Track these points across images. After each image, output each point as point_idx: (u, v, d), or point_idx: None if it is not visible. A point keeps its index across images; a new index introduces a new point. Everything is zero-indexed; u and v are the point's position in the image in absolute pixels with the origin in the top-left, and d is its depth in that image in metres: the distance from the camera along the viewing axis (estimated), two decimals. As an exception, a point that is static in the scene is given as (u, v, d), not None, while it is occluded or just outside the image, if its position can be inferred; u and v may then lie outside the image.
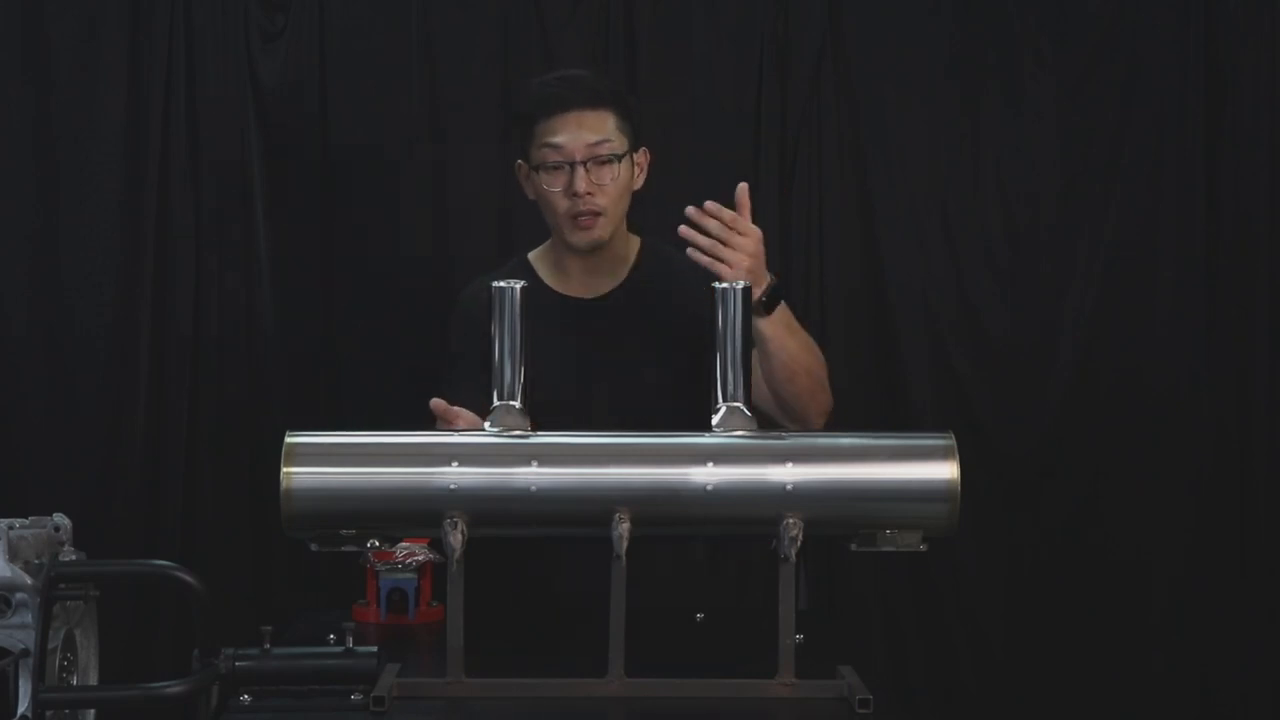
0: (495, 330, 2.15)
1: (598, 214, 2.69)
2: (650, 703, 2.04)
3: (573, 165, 2.66)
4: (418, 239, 3.51)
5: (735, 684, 2.07)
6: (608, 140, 2.68)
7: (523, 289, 2.16)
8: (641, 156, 2.77)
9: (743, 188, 2.54)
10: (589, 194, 2.67)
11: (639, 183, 2.78)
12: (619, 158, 2.69)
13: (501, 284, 2.16)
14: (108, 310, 3.46)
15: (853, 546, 2.13)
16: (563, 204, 2.69)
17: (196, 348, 3.48)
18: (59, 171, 3.46)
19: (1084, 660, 3.53)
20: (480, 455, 2.12)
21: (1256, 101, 3.53)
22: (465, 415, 2.38)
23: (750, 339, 2.19)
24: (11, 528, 1.86)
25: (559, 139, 2.67)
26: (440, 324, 3.34)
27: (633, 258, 2.82)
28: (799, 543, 2.05)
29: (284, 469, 2.07)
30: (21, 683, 1.83)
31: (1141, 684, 3.54)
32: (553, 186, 2.68)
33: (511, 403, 2.15)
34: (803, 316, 3.50)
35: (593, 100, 2.69)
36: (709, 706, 2.04)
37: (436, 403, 2.37)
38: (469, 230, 3.51)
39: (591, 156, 2.67)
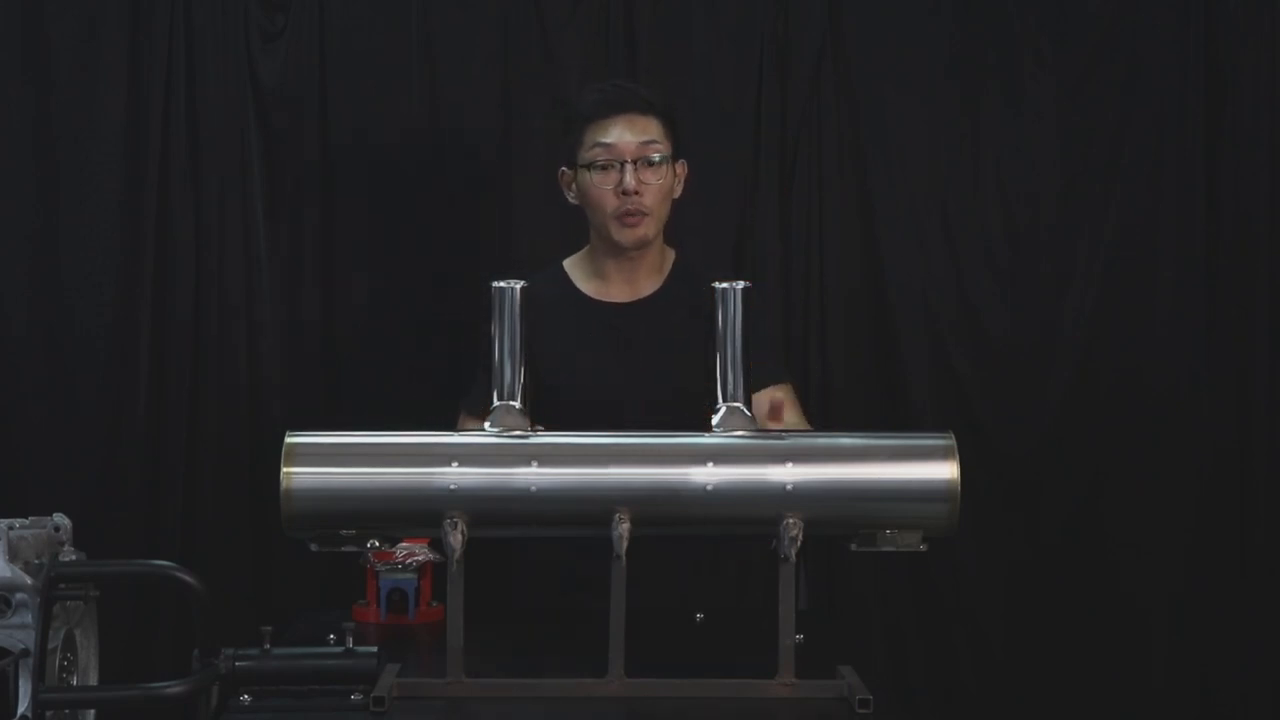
0: (495, 330, 2.15)
1: (644, 213, 2.78)
2: (650, 703, 2.04)
3: (623, 164, 2.76)
4: (417, 239, 3.51)
5: (735, 684, 2.07)
6: (656, 142, 2.80)
7: (523, 289, 2.16)
8: (680, 168, 2.88)
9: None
10: (636, 192, 2.76)
11: (678, 192, 2.89)
12: (666, 159, 2.80)
13: (501, 284, 2.16)
14: (108, 310, 3.46)
15: (853, 546, 2.14)
16: (611, 202, 2.78)
17: (196, 348, 3.48)
18: (59, 171, 3.46)
19: (1084, 660, 3.53)
20: (480, 455, 2.12)
21: (1256, 101, 3.53)
22: None
23: (750, 339, 2.19)
24: (11, 528, 1.86)
25: (610, 138, 2.78)
26: (440, 323, 3.36)
27: (668, 269, 2.90)
28: (799, 543, 2.05)
29: (284, 469, 2.07)
30: (21, 683, 1.83)
31: (1141, 684, 3.54)
32: (603, 185, 2.78)
33: (511, 403, 2.15)
34: (803, 316, 3.53)
35: (642, 106, 2.82)
36: (709, 706, 2.04)
37: None
38: (469, 229, 3.51)
39: (641, 156, 2.77)
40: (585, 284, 2.87)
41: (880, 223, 3.54)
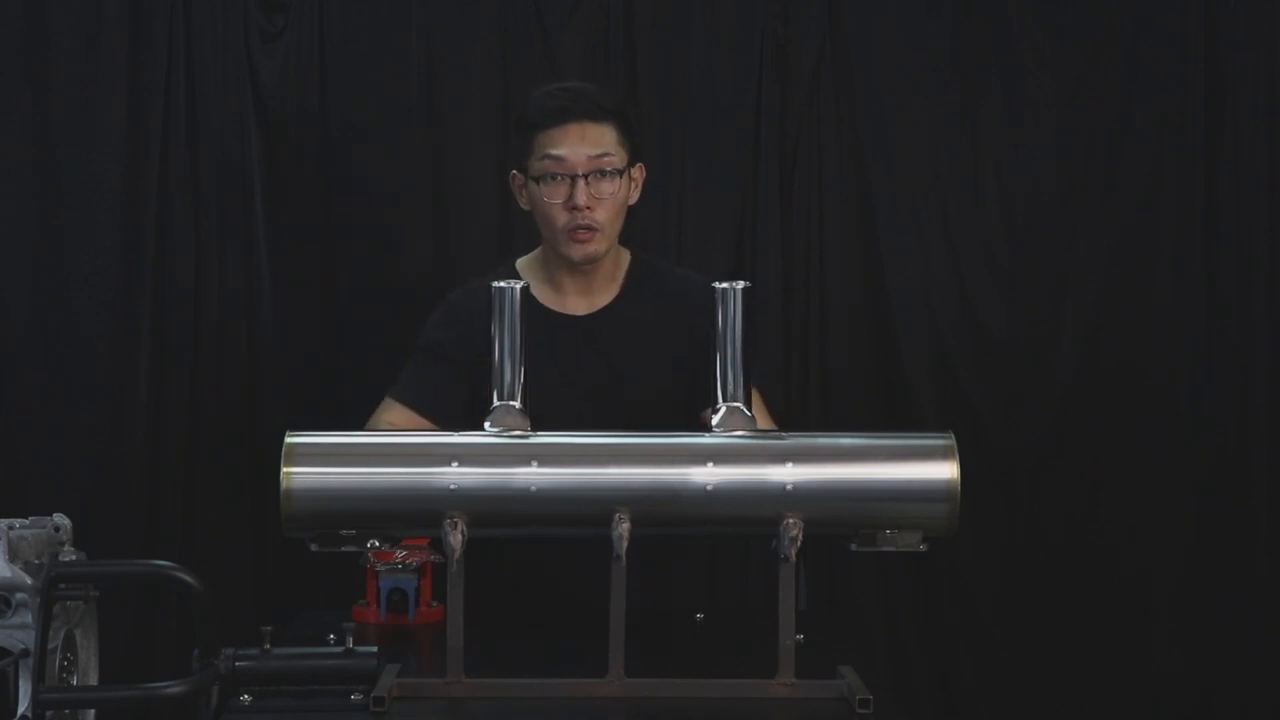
0: (495, 330, 2.15)
1: (595, 229, 2.67)
2: (650, 703, 2.04)
3: (574, 178, 2.64)
4: (418, 239, 3.51)
5: (735, 684, 2.07)
6: (609, 154, 2.66)
7: (523, 289, 2.16)
8: (637, 172, 2.76)
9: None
10: (588, 208, 2.65)
11: (634, 198, 2.77)
12: (619, 172, 2.67)
13: (501, 284, 2.16)
14: (108, 310, 3.46)
15: (853, 546, 2.13)
16: (561, 217, 2.67)
17: (196, 348, 3.48)
18: (59, 171, 3.46)
19: (1084, 660, 3.53)
20: (480, 455, 2.12)
21: (1256, 101, 3.53)
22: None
23: (750, 339, 2.19)
24: (11, 528, 1.86)
25: (561, 150, 2.65)
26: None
27: (623, 273, 2.81)
28: (799, 543, 2.05)
29: (284, 469, 2.07)
30: (21, 683, 1.83)
31: (1142, 684, 3.54)
32: (553, 199, 2.66)
33: (511, 403, 2.15)
34: (803, 316, 3.54)
35: (595, 113, 2.67)
36: (709, 706, 2.04)
37: None
38: (468, 230, 3.51)
39: (593, 169, 2.65)
40: (541, 290, 2.73)
41: (880, 222, 3.54)
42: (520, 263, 2.83)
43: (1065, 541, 3.55)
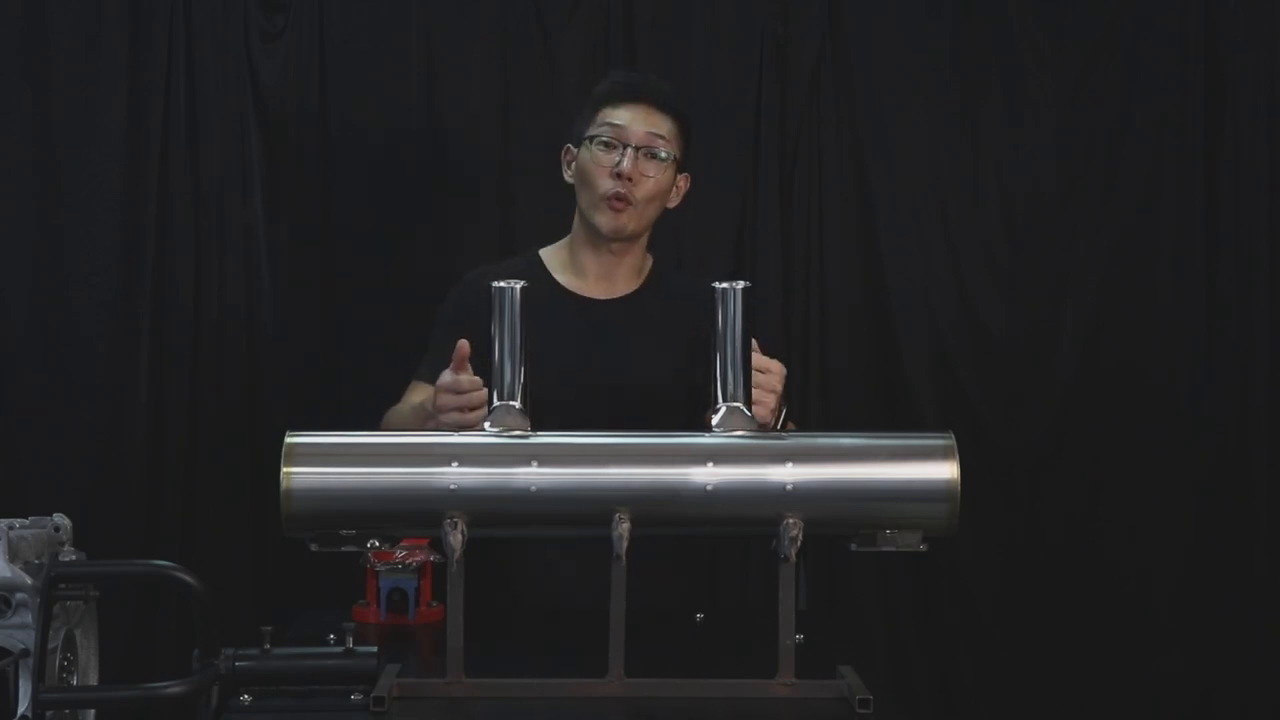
0: (495, 330, 2.15)
1: (630, 203, 2.72)
2: (650, 703, 2.04)
3: (625, 147, 2.71)
4: (417, 239, 3.51)
5: (735, 684, 2.07)
6: (664, 138, 2.74)
7: (523, 289, 2.16)
8: (683, 181, 2.83)
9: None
10: (630, 179, 2.71)
11: (674, 202, 2.84)
12: (669, 157, 2.75)
13: (501, 284, 2.15)
14: (108, 310, 3.46)
15: (853, 546, 2.13)
16: (604, 183, 2.72)
17: (196, 347, 3.48)
18: (59, 171, 3.46)
19: (1084, 660, 3.54)
20: (480, 455, 2.11)
21: (1256, 101, 3.54)
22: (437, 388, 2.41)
23: (750, 339, 2.19)
24: (11, 528, 1.86)
25: (620, 120, 2.73)
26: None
27: (645, 273, 2.85)
28: (799, 543, 2.05)
29: (284, 469, 2.07)
30: (21, 683, 1.83)
31: (1142, 684, 3.54)
32: (600, 163, 2.72)
33: (511, 403, 2.14)
34: (803, 316, 3.54)
35: (661, 102, 2.77)
36: (709, 706, 2.04)
37: (463, 345, 2.37)
38: (468, 230, 3.51)
39: (646, 145, 2.72)
40: (561, 274, 2.81)
41: (880, 222, 3.55)
42: (544, 251, 2.87)
43: (1065, 541, 3.55)
